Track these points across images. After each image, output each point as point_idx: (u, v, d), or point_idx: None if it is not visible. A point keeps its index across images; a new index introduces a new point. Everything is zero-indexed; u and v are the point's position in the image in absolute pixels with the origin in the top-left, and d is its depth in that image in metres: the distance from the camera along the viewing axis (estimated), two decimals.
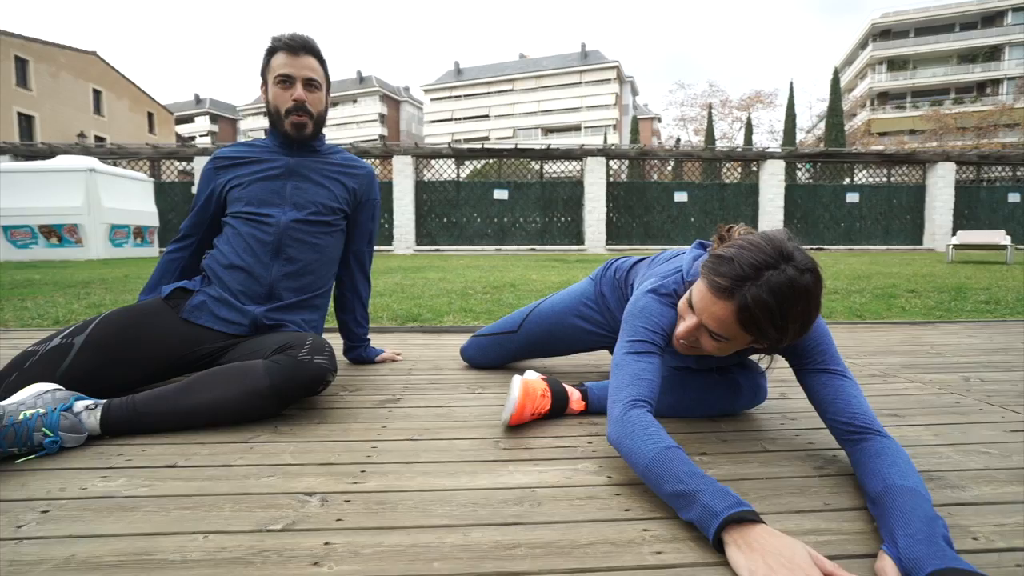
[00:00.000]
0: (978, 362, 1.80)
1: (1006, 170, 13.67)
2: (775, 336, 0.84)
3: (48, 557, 0.67)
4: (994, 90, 31.76)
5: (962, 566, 0.58)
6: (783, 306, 0.81)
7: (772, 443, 1.07)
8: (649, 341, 0.95)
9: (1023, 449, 1.03)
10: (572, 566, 0.66)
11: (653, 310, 0.99)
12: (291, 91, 1.39)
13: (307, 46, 1.39)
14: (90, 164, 9.18)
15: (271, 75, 1.40)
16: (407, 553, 0.68)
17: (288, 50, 1.38)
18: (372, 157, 13.03)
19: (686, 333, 0.94)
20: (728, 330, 0.86)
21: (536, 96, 48.08)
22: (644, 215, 13.12)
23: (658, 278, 1.05)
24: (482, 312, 3.04)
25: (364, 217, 1.61)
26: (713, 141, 27.51)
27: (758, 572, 0.61)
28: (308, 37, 1.41)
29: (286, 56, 1.38)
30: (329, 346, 1.23)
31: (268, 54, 1.41)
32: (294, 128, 1.42)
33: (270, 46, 1.40)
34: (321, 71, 1.43)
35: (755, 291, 0.81)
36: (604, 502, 0.82)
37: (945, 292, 3.97)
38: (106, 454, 1.00)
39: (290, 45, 1.38)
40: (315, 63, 1.41)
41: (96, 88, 24.57)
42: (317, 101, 1.44)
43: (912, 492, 0.71)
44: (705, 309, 0.88)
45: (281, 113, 1.42)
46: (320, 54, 1.43)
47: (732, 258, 0.84)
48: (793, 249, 0.83)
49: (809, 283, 0.81)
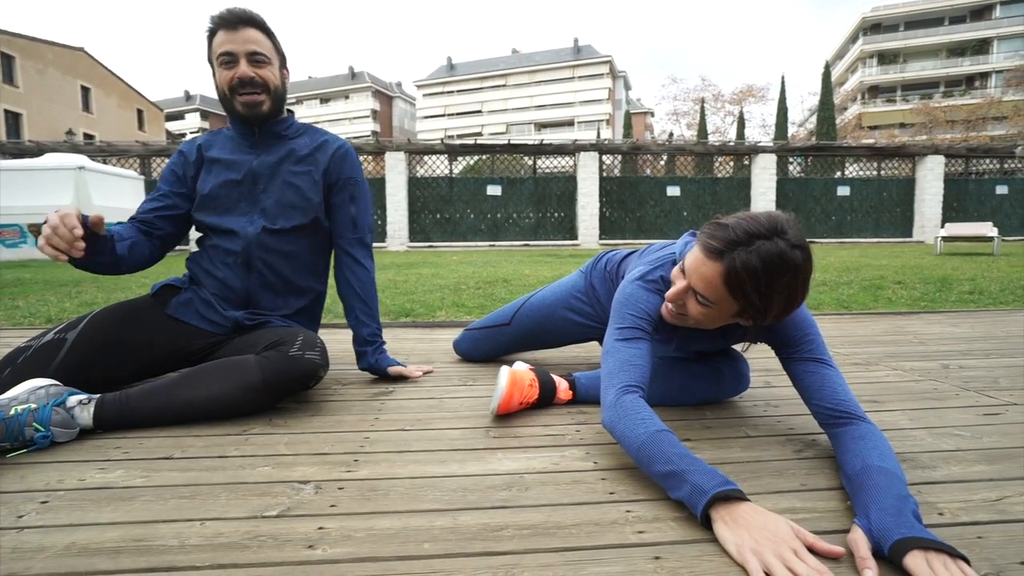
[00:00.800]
0: (958, 350, 1.85)
1: (994, 163, 13.80)
2: (759, 305, 0.86)
3: (49, 544, 0.69)
4: (983, 83, 32.01)
5: (925, 535, 0.62)
6: (770, 274, 0.83)
7: (754, 429, 1.10)
8: (637, 327, 0.98)
9: (993, 431, 1.07)
10: (556, 545, 0.68)
11: (640, 297, 1.01)
12: (235, 70, 1.27)
13: (245, 18, 1.26)
14: (79, 162, 9.09)
15: (214, 57, 1.28)
16: (398, 536, 0.71)
17: (226, 26, 1.25)
18: (365, 153, 12.99)
19: (675, 296, 0.95)
20: (714, 293, 0.88)
21: (529, 91, 48.00)
22: (637, 210, 13.16)
23: (646, 266, 1.08)
24: (474, 307, 3.06)
25: (340, 200, 1.43)
26: (705, 135, 27.59)
27: (744, 545, 0.64)
28: (246, 9, 1.28)
29: (225, 33, 1.26)
30: (321, 341, 1.24)
31: (208, 37, 1.28)
32: (246, 108, 1.30)
33: (208, 27, 1.28)
34: (268, 43, 1.30)
35: (744, 256, 0.83)
36: (590, 486, 0.85)
37: (931, 283, 4.03)
38: (103, 447, 1.02)
39: (227, 20, 1.25)
40: (258, 35, 1.28)
41: (84, 85, 24.28)
42: (269, 75, 1.30)
43: (889, 473, 0.74)
44: (695, 270, 0.89)
45: (229, 95, 1.30)
46: (264, 25, 1.30)
47: (728, 224, 0.87)
48: (789, 227, 0.85)
49: (798, 259, 0.83)
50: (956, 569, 0.58)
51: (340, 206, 1.43)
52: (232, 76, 1.27)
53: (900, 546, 0.61)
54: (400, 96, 54.54)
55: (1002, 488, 0.83)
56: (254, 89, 1.28)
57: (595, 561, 0.65)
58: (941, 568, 0.58)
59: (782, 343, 0.98)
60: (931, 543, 0.61)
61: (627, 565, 0.64)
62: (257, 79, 1.28)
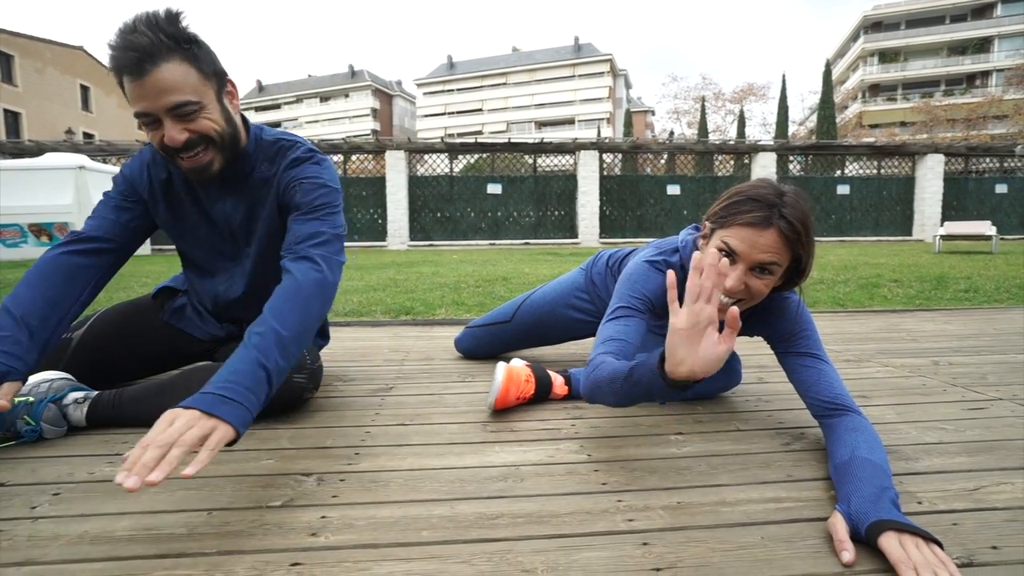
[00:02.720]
0: (949, 347, 1.87)
1: (994, 161, 13.81)
2: (808, 251, 0.91)
3: (63, 533, 0.72)
4: (983, 82, 31.98)
5: (900, 519, 0.65)
6: (808, 215, 0.90)
7: (745, 423, 1.13)
8: (630, 306, 1.01)
9: (976, 425, 1.10)
10: (549, 532, 0.71)
11: (640, 275, 1.04)
12: (160, 132, 0.94)
13: (150, 51, 0.88)
14: (80, 161, 9.11)
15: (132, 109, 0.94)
16: (398, 524, 0.74)
17: (130, 73, 0.89)
18: (365, 152, 13.01)
19: (737, 283, 0.90)
20: (779, 255, 0.90)
21: (529, 90, 47.97)
22: (637, 208, 13.18)
23: (651, 250, 1.12)
24: (474, 305, 3.09)
25: (291, 202, 1.07)
26: (706, 134, 27.59)
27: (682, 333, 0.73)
28: (149, 33, 0.88)
29: (131, 82, 0.90)
30: (313, 359, 1.18)
31: (116, 79, 0.92)
32: (194, 173, 1.01)
33: (109, 67, 0.92)
34: (194, 74, 0.93)
35: (788, 209, 0.89)
36: (583, 477, 0.88)
37: (927, 281, 4.06)
38: (110, 441, 1.05)
39: (127, 64, 0.88)
40: (175, 72, 0.90)
41: (84, 84, 24.29)
42: (207, 124, 0.96)
43: (875, 466, 0.76)
44: (754, 246, 0.89)
45: (166, 156, 1.00)
46: (180, 45, 0.91)
47: (748, 196, 0.91)
48: (782, 186, 0.93)
49: (805, 205, 0.91)
50: (928, 551, 0.61)
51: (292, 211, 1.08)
52: (160, 139, 0.95)
53: (875, 528, 0.64)
54: (400, 94, 54.54)
55: (980, 478, 0.86)
56: (193, 151, 0.97)
57: (586, 547, 0.68)
58: (913, 548, 0.61)
59: (780, 337, 1.02)
60: (905, 526, 0.63)
61: (616, 550, 0.67)
62: (193, 137, 0.95)
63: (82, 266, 1.04)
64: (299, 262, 0.98)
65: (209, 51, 0.97)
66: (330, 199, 1.07)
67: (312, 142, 1.33)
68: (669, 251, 1.09)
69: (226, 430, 0.75)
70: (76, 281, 1.03)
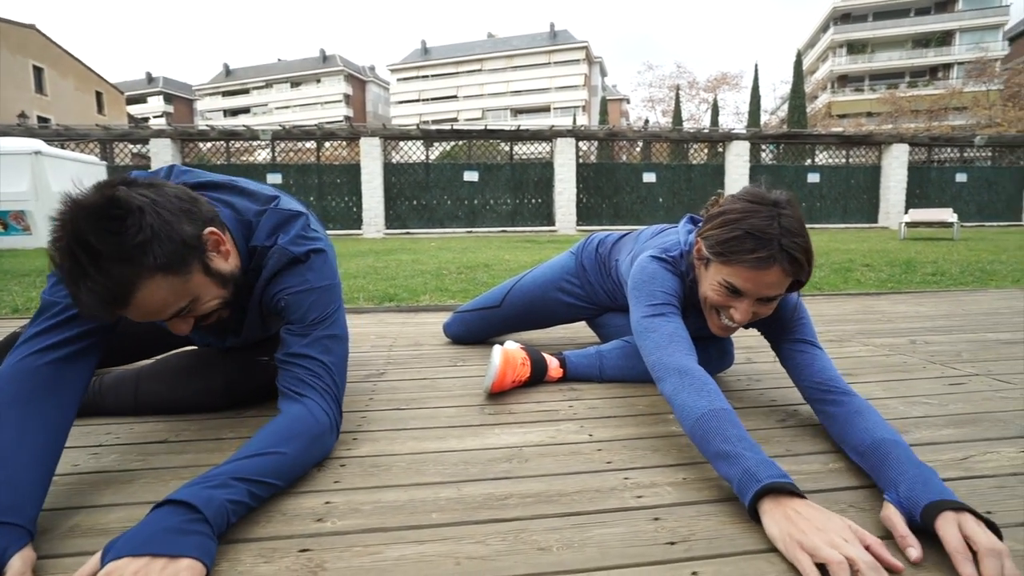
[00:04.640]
0: (924, 327, 1.94)
1: (954, 151, 14.33)
2: (808, 265, 0.91)
3: (50, 527, 0.69)
4: (945, 74, 33.03)
5: (950, 498, 0.63)
6: (804, 237, 0.90)
7: (739, 402, 1.15)
8: (669, 304, 1.00)
9: (958, 399, 1.15)
10: (561, 511, 0.71)
11: (662, 274, 1.04)
12: (169, 324, 0.85)
13: (122, 296, 0.72)
14: (36, 146, 8.65)
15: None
16: (405, 507, 0.73)
17: (111, 313, 0.74)
18: (339, 139, 12.72)
19: (745, 316, 0.95)
20: (782, 286, 0.92)
21: (505, 76, 47.51)
22: (614, 196, 13.25)
23: (657, 249, 1.10)
24: (458, 291, 3.07)
25: (281, 316, 0.96)
26: (681, 122, 27.83)
27: (791, 538, 0.59)
28: (100, 284, 0.69)
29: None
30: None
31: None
32: (217, 335, 1.03)
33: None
34: (170, 282, 0.76)
35: (786, 241, 0.88)
36: (587, 456, 0.88)
37: (897, 266, 4.20)
38: (93, 433, 1.00)
39: (103, 315, 0.72)
40: (153, 295, 0.75)
41: (37, 65, 23.02)
42: (207, 304, 0.85)
43: (897, 444, 0.75)
44: (759, 283, 0.91)
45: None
46: (143, 266, 0.71)
47: (747, 231, 0.89)
48: (774, 195, 0.92)
49: (799, 213, 0.92)
50: (991, 535, 0.57)
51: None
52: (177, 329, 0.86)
53: (932, 509, 0.61)
54: (373, 80, 53.37)
55: (967, 448, 0.89)
56: (208, 320, 0.89)
57: (599, 523, 0.68)
58: (976, 528, 0.57)
59: (779, 331, 1.03)
60: (964, 506, 0.60)
61: (629, 526, 0.67)
62: (197, 319, 0.87)
63: (68, 378, 0.81)
64: (291, 404, 0.86)
65: (172, 231, 0.74)
66: (322, 308, 0.94)
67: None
68: (677, 256, 1.07)
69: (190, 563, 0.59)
70: (64, 395, 0.79)
